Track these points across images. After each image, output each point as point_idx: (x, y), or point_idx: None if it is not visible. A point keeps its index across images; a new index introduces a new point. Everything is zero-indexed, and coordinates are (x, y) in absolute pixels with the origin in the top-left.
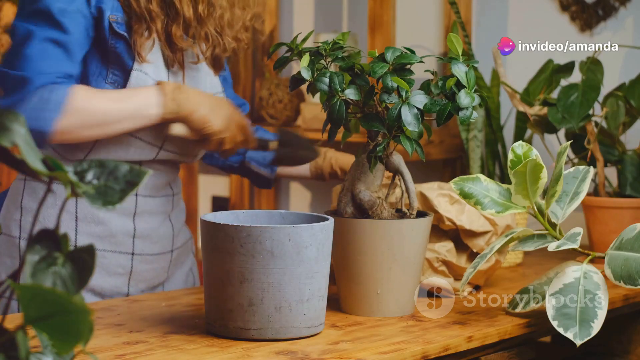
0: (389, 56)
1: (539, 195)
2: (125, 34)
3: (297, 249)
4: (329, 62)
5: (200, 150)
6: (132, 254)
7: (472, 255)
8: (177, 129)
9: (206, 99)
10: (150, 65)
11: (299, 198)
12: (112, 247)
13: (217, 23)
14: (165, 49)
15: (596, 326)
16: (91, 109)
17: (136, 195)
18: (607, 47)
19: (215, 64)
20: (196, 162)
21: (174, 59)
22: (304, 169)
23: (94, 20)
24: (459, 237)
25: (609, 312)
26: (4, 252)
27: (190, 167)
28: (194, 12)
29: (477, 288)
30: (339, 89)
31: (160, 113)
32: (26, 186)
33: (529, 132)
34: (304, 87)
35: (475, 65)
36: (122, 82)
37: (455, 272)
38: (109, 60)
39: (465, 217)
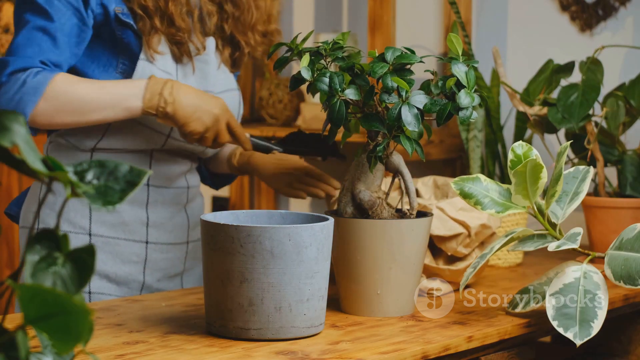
0: (389, 56)
1: (539, 195)
2: (132, 24)
3: (297, 249)
4: (329, 62)
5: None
6: (147, 242)
7: (449, 257)
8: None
9: (195, 98)
10: (159, 56)
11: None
12: (126, 236)
13: (235, 25)
14: (168, 43)
15: (596, 326)
16: (70, 95)
17: (148, 185)
18: (607, 47)
19: (234, 64)
20: None
21: (181, 52)
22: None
23: (101, 12)
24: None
25: (609, 312)
26: (23, 243)
27: None
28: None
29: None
30: (339, 89)
31: (140, 106)
32: None
33: (529, 132)
34: (304, 87)
35: (475, 65)
36: (131, 71)
37: (429, 272)
38: (118, 51)
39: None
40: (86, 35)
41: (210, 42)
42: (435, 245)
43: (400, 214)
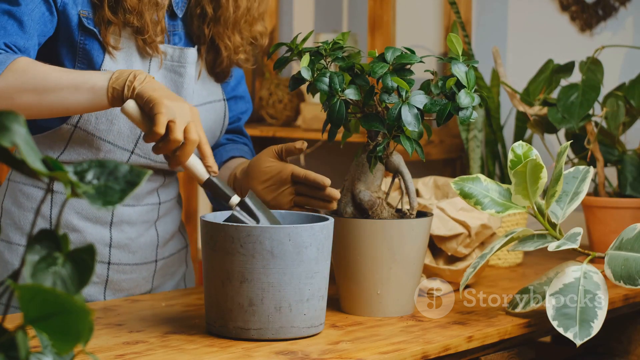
0: (389, 56)
1: (539, 195)
2: (95, 30)
3: (297, 249)
4: (329, 62)
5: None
6: (109, 263)
7: (449, 257)
8: (131, 105)
9: (164, 89)
10: (122, 65)
11: None
12: None
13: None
14: (139, 41)
15: (596, 326)
16: (32, 71)
17: None
18: (607, 47)
19: (219, 75)
20: None
21: (145, 43)
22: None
23: (62, 11)
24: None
25: (609, 312)
26: None
27: None
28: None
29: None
30: (339, 89)
31: (105, 85)
32: (8, 187)
33: (529, 132)
34: (304, 87)
35: (475, 65)
36: None
37: (429, 272)
38: (77, 58)
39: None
40: (53, 26)
41: (191, 53)
42: (435, 245)
43: (400, 214)
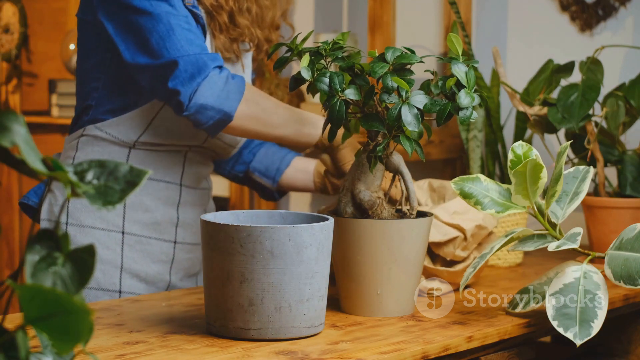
0: (389, 56)
1: (539, 195)
2: (201, 16)
3: (297, 249)
4: (329, 62)
5: (234, 147)
6: (175, 242)
7: (448, 262)
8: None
9: (353, 140)
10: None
11: (299, 198)
12: (157, 235)
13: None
14: (219, 40)
15: (596, 326)
16: (262, 103)
17: (181, 185)
18: (607, 47)
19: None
20: None
21: (230, 49)
22: (308, 181)
23: None
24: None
25: (609, 312)
26: None
27: None
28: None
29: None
30: (339, 89)
31: (318, 135)
32: None
33: (529, 132)
34: (304, 87)
35: (475, 65)
36: None
37: (427, 274)
38: None
39: None
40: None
41: (244, 45)
42: (433, 252)
43: (400, 214)
